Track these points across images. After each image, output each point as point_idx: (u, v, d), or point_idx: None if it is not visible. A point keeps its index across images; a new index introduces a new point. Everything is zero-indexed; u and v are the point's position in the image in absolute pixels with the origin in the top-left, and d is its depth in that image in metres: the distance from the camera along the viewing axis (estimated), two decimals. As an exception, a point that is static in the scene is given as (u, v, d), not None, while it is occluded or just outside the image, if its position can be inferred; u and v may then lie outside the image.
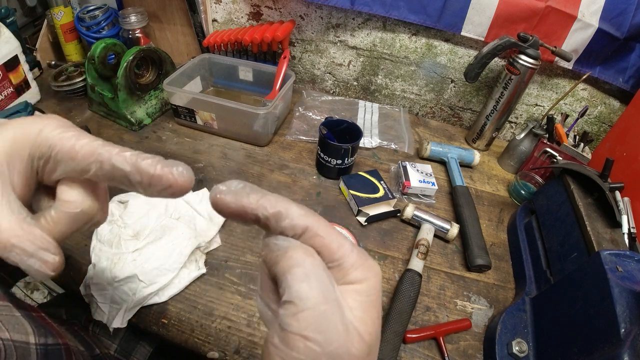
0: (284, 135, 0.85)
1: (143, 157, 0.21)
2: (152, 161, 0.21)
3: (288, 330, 0.18)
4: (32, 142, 0.22)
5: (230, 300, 0.52)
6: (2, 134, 0.21)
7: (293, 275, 0.19)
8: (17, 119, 0.23)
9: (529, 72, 0.74)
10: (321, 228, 0.21)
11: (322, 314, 0.18)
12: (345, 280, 0.21)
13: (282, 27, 0.85)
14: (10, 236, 0.20)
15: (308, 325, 0.18)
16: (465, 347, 0.51)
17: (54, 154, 0.22)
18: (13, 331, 0.33)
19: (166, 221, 0.55)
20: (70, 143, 0.21)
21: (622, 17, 0.71)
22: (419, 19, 0.81)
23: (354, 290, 0.21)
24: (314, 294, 0.19)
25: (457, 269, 0.62)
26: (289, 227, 0.20)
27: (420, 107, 1.00)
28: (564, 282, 0.49)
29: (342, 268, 0.21)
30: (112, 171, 0.21)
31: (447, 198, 0.75)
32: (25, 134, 0.22)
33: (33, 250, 0.20)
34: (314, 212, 0.21)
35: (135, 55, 0.76)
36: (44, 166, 0.23)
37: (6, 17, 0.81)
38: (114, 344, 0.54)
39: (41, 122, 0.22)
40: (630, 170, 0.66)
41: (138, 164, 0.21)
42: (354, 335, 0.19)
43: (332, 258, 0.21)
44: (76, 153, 0.21)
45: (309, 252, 0.20)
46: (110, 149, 0.21)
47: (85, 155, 0.21)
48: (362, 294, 0.21)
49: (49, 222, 0.22)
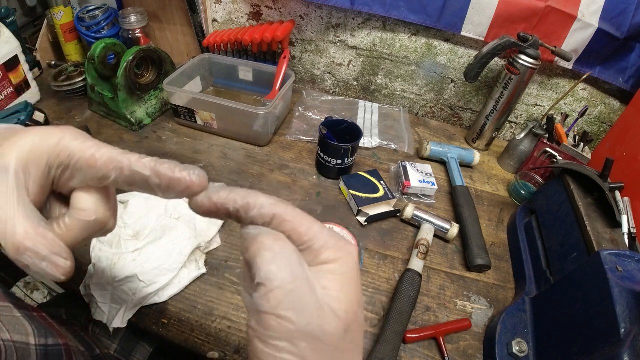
0: (284, 135, 0.85)
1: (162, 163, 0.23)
2: (170, 165, 0.23)
3: (261, 310, 0.19)
4: (51, 150, 0.22)
5: (230, 300, 0.52)
6: (21, 140, 0.22)
7: (262, 258, 0.20)
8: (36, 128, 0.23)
9: (529, 72, 0.74)
10: (289, 214, 0.22)
11: (292, 292, 0.19)
12: (317, 261, 0.21)
13: (282, 27, 0.85)
14: (25, 239, 0.20)
15: (278, 304, 0.19)
16: (465, 347, 0.52)
17: (74, 162, 0.23)
18: (14, 332, 0.33)
19: (166, 221, 0.55)
20: (91, 152, 0.22)
21: (622, 17, 0.71)
22: (419, 19, 0.81)
23: (328, 270, 0.21)
24: (282, 274, 0.20)
25: (457, 269, 0.62)
26: (258, 216, 0.22)
27: (420, 107, 1.00)
28: (564, 282, 0.49)
29: (313, 249, 0.22)
30: (132, 176, 0.22)
31: (447, 198, 0.75)
32: (43, 142, 0.22)
33: (46, 254, 0.21)
34: (284, 200, 0.23)
35: (135, 55, 0.76)
36: (61, 174, 0.23)
37: (6, 17, 0.81)
38: (114, 344, 0.55)
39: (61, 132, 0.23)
40: (630, 170, 0.66)
41: (157, 168, 0.22)
42: (327, 312, 0.20)
43: (302, 240, 0.22)
44: (96, 161, 0.22)
45: (278, 237, 0.21)
46: (129, 156, 0.23)
47: (106, 163, 0.22)
48: (335, 273, 0.21)
49: (62, 229, 0.23)
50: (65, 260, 0.22)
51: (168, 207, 0.58)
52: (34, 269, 0.21)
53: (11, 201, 0.21)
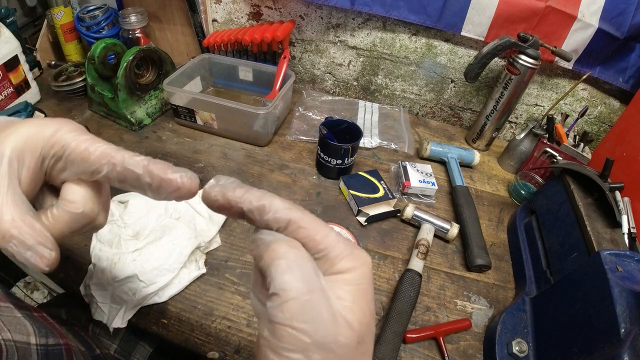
0: (284, 135, 0.85)
1: (155, 162, 0.23)
2: (162, 166, 0.23)
3: (275, 321, 0.19)
4: (46, 141, 0.23)
5: (230, 300, 0.52)
6: (17, 130, 0.22)
7: (276, 267, 0.19)
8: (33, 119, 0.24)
9: (529, 72, 0.74)
10: (305, 220, 0.21)
11: (307, 304, 0.19)
12: (332, 271, 0.21)
13: (282, 27, 0.85)
14: (11, 227, 0.20)
15: (293, 315, 0.18)
16: (465, 347, 0.52)
17: (67, 154, 0.23)
18: (15, 332, 0.33)
19: (166, 221, 0.55)
20: (85, 145, 0.23)
21: (622, 17, 0.71)
22: (419, 19, 0.81)
23: (343, 280, 0.21)
24: (297, 284, 0.19)
25: (457, 269, 0.62)
26: (272, 220, 0.21)
27: (420, 107, 1.00)
28: (564, 282, 0.49)
29: (328, 258, 0.21)
30: (124, 173, 0.23)
31: (447, 198, 0.75)
32: (39, 132, 0.23)
33: (32, 243, 0.21)
34: (299, 206, 0.22)
35: (135, 55, 0.76)
36: (54, 165, 0.23)
37: (6, 17, 0.81)
38: (114, 344, 0.55)
39: (57, 124, 0.23)
40: (630, 170, 0.66)
41: (149, 167, 0.22)
42: (342, 324, 0.19)
43: (317, 249, 0.21)
44: (89, 155, 0.22)
45: (293, 244, 0.21)
46: (123, 153, 0.23)
47: (99, 157, 0.22)
48: (350, 283, 0.21)
49: (49, 220, 0.23)
50: (50, 251, 0.21)
51: (168, 207, 0.58)
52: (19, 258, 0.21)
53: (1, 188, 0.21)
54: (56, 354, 0.36)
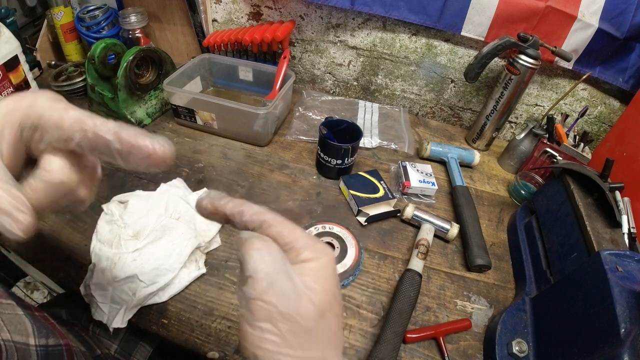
0: (284, 135, 0.85)
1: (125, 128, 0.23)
2: (133, 132, 0.23)
3: (249, 297, 0.23)
4: (23, 113, 0.23)
5: (230, 300, 0.52)
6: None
7: (250, 255, 0.23)
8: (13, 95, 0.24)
9: (529, 72, 0.74)
10: (275, 220, 0.26)
11: (274, 282, 0.23)
12: (298, 260, 0.25)
13: (282, 27, 0.85)
14: None
15: (263, 291, 0.22)
16: (465, 347, 0.52)
17: (43, 122, 0.23)
18: (14, 332, 0.33)
19: (166, 221, 0.55)
20: (59, 113, 0.23)
21: (622, 17, 0.71)
22: (419, 19, 0.81)
23: (307, 268, 0.25)
24: (266, 267, 0.23)
25: (457, 269, 0.62)
26: (249, 221, 0.26)
27: (420, 107, 1.00)
28: (564, 282, 0.49)
29: (294, 249, 0.25)
30: (95, 139, 0.23)
31: (447, 198, 0.75)
32: (17, 105, 0.23)
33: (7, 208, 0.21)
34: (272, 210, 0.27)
35: (135, 55, 0.76)
36: (32, 136, 0.23)
37: (6, 17, 0.81)
38: (114, 344, 0.55)
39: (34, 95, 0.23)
40: (630, 170, 0.66)
41: (120, 133, 0.22)
42: (304, 299, 0.23)
43: (285, 242, 0.25)
44: (63, 122, 0.23)
45: (264, 239, 0.25)
46: (95, 119, 0.23)
47: (72, 125, 0.23)
48: (313, 269, 0.25)
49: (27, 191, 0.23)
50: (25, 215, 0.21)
51: (168, 207, 0.58)
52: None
53: None
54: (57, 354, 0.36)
